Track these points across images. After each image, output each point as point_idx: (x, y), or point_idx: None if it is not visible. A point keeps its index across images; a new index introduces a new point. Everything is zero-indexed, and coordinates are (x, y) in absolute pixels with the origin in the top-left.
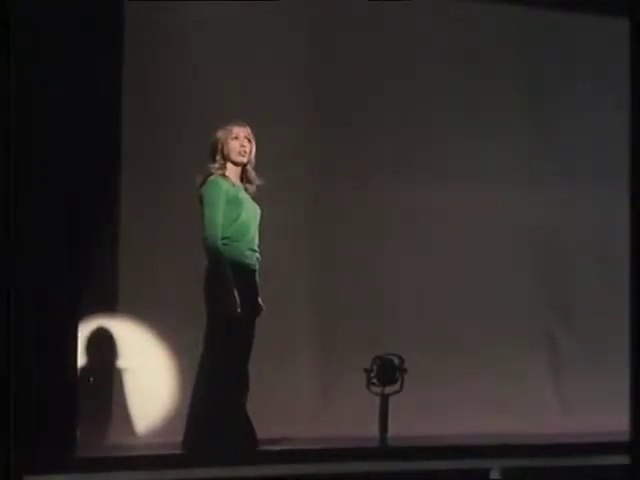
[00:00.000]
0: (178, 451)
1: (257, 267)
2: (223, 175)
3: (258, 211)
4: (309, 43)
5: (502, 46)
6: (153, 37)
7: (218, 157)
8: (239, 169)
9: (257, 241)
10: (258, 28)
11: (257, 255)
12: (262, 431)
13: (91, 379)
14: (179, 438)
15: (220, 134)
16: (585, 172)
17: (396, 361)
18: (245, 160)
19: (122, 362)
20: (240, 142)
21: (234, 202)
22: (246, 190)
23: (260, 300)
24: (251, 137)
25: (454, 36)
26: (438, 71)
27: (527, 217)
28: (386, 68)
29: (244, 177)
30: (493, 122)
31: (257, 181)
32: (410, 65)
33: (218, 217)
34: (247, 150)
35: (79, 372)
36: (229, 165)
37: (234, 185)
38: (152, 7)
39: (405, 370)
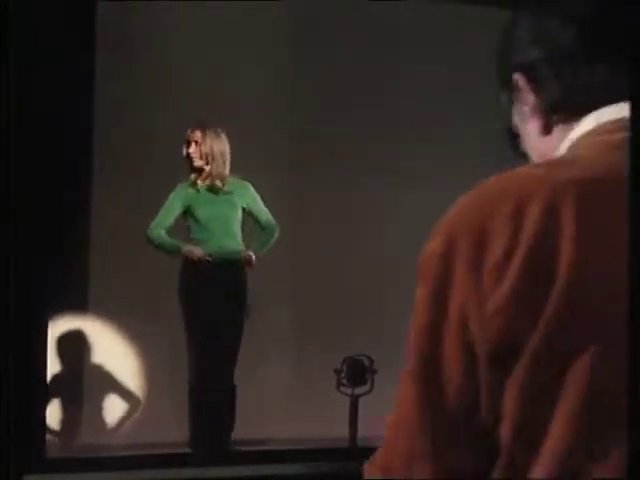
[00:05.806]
0: (169, 451)
1: (231, 264)
2: (192, 181)
3: (235, 207)
4: (293, 43)
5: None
6: (135, 37)
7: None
8: (203, 171)
9: (236, 238)
10: (240, 27)
11: (231, 250)
12: (235, 432)
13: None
14: (165, 437)
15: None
16: None
17: (366, 362)
18: (199, 163)
19: (111, 362)
20: (187, 149)
21: (195, 204)
22: (217, 188)
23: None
24: (201, 137)
25: (450, 36)
26: (430, 71)
27: None
28: (373, 68)
29: (208, 177)
30: (490, 122)
31: (227, 176)
32: (399, 65)
33: (163, 216)
34: (198, 155)
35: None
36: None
37: (198, 191)
38: (131, 6)
39: (375, 371)
